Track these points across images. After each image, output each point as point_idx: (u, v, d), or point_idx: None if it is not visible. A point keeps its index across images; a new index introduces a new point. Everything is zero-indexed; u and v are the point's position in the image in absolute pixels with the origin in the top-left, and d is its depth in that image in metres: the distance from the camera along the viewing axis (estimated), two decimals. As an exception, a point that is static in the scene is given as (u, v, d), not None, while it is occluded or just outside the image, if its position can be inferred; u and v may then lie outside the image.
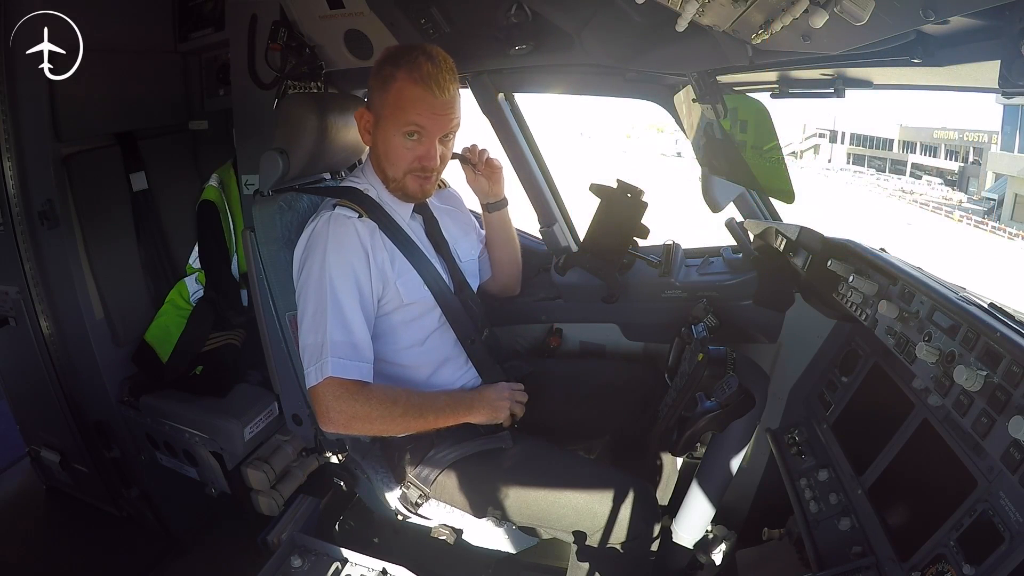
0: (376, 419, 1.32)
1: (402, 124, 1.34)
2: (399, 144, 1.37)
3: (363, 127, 1.43)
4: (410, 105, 1.32)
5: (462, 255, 1.62)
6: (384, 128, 1.37)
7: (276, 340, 1.62)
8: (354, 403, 1.30)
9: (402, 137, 1.36)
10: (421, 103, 1.32)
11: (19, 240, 1.85)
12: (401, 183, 1.42)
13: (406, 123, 1.34)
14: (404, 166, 1.39)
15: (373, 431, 1.39)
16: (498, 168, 1.65)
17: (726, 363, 1.39)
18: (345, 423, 1.31)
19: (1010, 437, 0.88)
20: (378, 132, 1.39)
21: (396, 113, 1.34)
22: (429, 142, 1.37)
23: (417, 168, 1.39)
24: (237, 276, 2.07)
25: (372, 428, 1.35)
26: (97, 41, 1.69)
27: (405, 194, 1.45)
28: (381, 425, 1.35)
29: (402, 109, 1.33)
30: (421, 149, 1.37)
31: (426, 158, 1.38)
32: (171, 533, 2.18)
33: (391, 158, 1.40)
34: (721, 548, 1.64)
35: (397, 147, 1.37)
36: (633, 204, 1.86)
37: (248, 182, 1.78)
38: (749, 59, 1.05)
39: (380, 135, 1.39)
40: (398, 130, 1.35)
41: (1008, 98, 0.87)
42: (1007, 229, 28.63)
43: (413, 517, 1.57)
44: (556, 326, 2.07)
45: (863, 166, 44.50)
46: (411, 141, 1.36)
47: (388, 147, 1.39)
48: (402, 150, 1.37)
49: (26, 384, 2.11)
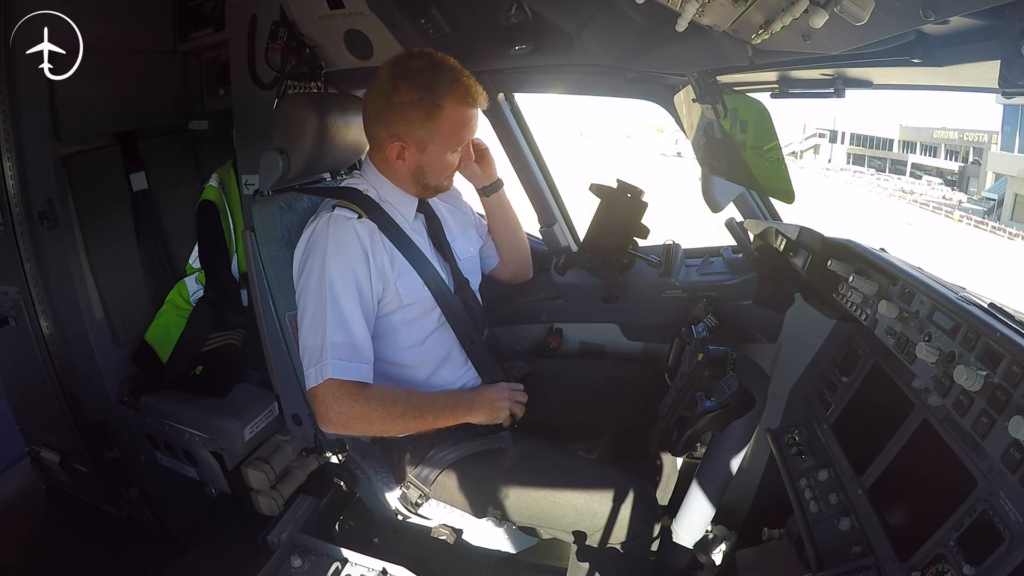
0: (375, 420, 1.33)
1: (457, 145, 1.41)
2: (450, 159, 1.44)
3: (396, 156, 1.42)
4: (463, 127, 1.40)
5: (460, 252, 1.62)
6: (434, 152, 1.42)
7: (276, 340, 1.62)
8: (353, 404, 1.30)
9: (452, 152, 1.43)
10: (472, 120, 1.42)
11: (19, 240, 1.84)
12: (439, 187, 1.50)
13: (461, 143, 1.42)
14: (451, 172, 1.49)
15: (372, 431, 1.40)
16: (484, 148, 1.67)
17: (726, 363, 1.39)
18: (344, 424, 1.32)
19: (1010, 437, 0.88)
20: (424, 157, 1.42)
21: (450, 138, 1.40)
22: (467, 147, 1.46)
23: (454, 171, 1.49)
24: (237, 276, 2.07)
25: (371, 429, 1.36)
26: (97, 41, 1.68)
27: (438, 191, 1.52)
28: (380, 426, 1.35)
29: (456, 133, 1.39)
30: (462, 155, 1.46)
31: (464, 159, 1.47)
32: (171, 533, 2.18)
33: (440, 171, 1.46)
34: (721, 548, 1.64)
35: (448, 162, 1.45)
36: (633, 204, 1.86)
37: (248, 182, 1.78)
38: (749, 59, 1.05)
39: (428, 159, 1.43)
40: (452, 150, 1.42)
41: (1008, 98, 0.87)
42: (1007, 229, 28.62)
43: (413, 517, 1.57)
44: (556, 326, 2.07)
45: (863, 166, 44.49)
46: (457, 154, 1.45)
47: (438, 165, 1.44)
48: (451, 160, 1.45)
49: (26, 384, 2.11)
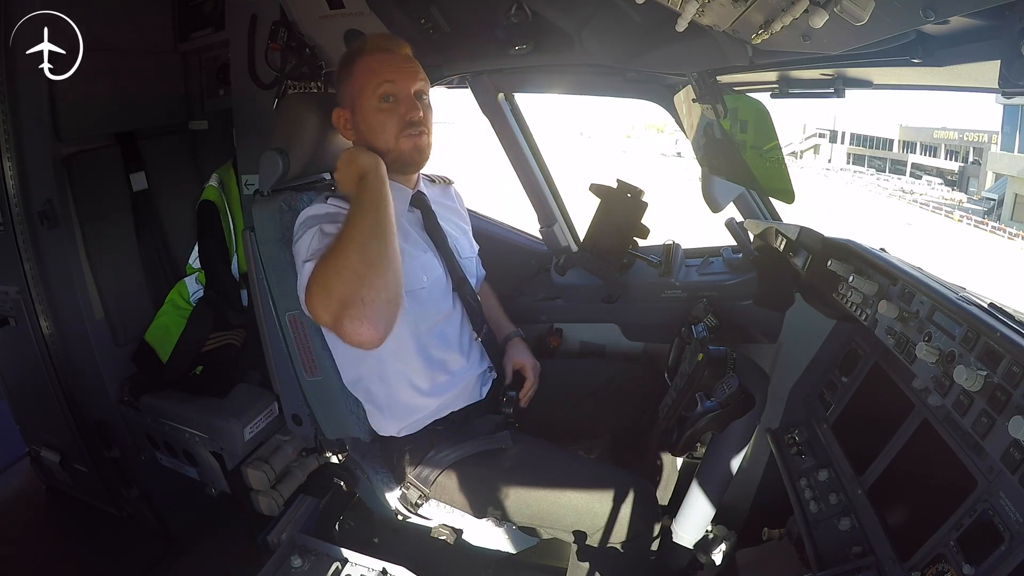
0: (338, 271, 1.16)
1: (375, 90, 1.38)
2: (378, 112, 1.39)
3: (343, 126, 1.45)
4: (375, 71, 1.38)
5: (461, 252, 1.61)
6: (361, 107, 1.40)
7: (276, 340, 1.62)
8: (320, 279, 1.17)
9: (378, 102, 1.39)
10: (385, 64, 1.38)
11: (19, 240, 1.84)
12: (396, 151, 1.41)
13: (378, 86, 1.38)
14: (392, 131, 1.40)
15: (348, 288, 1.15)
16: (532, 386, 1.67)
17: (726, 363, 1.39)
18: (320, 305, 1.16)
19: (1010, 437, 0.88)
20: (357, 117, 1.42)
21: (366, 86, 1.38)
22: (405, 98, 1.40)
23: (405, 126, 1.40)
24: (237, 276, 2.07)
25: (344, 285, 1.16)
26: (97, 41, 1.68)
27: (404, 162, 1.44)
28: (342, 273, 1.16)
29: (369, 79, 1.38)
30: (401, 108, 1.39)
31: (408, 111, 1.39)
32: (171, 533, 2.18)
33: (377, 130, 1.41)
34: (721, 548, 1.64)
35: (378, 116, 1.39)
36: (633, 204, 1.87)
37: (248, 182, 1.78)
38: (749, 59, 1.05)
39: (360, 118, 1.41)
40: (374, 99, 1.38)
41: (1008, 98, 0.87)
42: (1007, 229, 28.62)
43: (413, 517, 1.58)
44: (556, 326, 2.07)
45: (863, 166, 44.48)
46: (389, 105, 1.39)
47: (371, 122, 1.40)
48: (383, 115, 1.39)
49: (26, 384, 2.11)
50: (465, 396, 1.56)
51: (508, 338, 1.74)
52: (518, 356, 1.69)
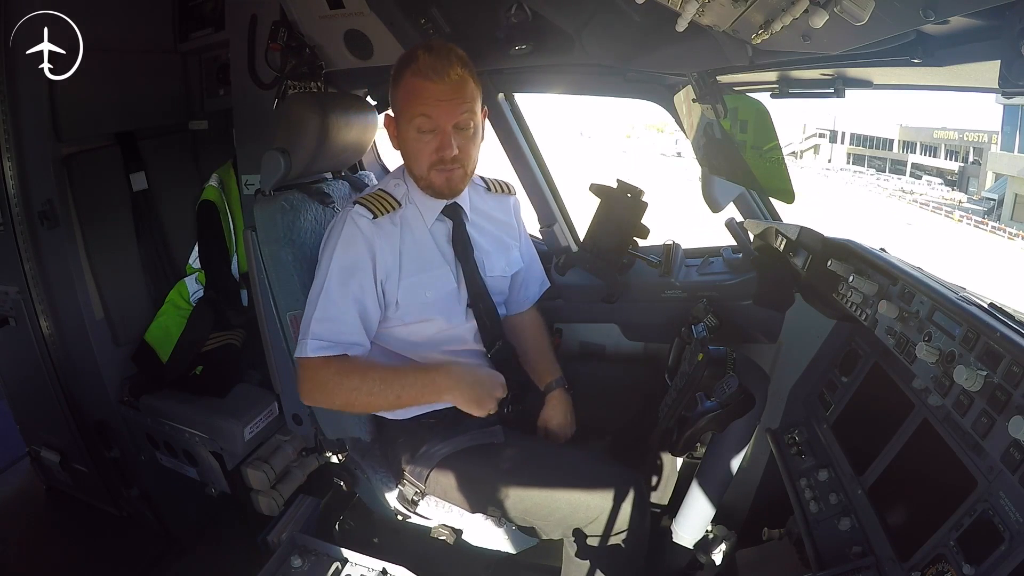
0: (339, 391, 1.39)
1: (412, 118, 1.37)
2: (415, 140, 1.40)
3: (390, 133, 1.47)
4: (415, 97, 1.35)
5: (487, 270, 1.58)
6: (401, 127, 1.41)
7: (276, 340, 1.62)
8: (319, 375, 1.39)
9: (416, 132, 1.38)
10: (425, 93, 1.34)
11: (19, 240, 1.84)
12: (427, 180, 1.44)
13: (414, 115, 1.37)
14: (425, 162, 1.41)
15: (338, 403, 1.44)
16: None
17: (726, 363, 1.39)
18: (308, 394, 1.43)
19: (1010, 437, 0.88)
20: (399, 133, 1.43)
21: (406, 109, 1.38)
22: (442, 133, 1.38)
23: (436, 161, 1.40)
24: (237, 276, 2.07)
25: (336, 400, 1.42)
26: (97, 41, 1.69)
27: (434, 191, 1.46)
28: (345, 396, 1.40)
29: (409, 104, 1.37)
30: (435, 142, 1.39)
31: (441, 148, 1.39)
32: (171, 533, 2.18)
33: (412, 156, 1.43)
34: (721, 548, 1.64)
35: (414, 143, 1.40)
36: (633, 204, 1.87)
37: (248, 182, 1.78)
38: (749, 59, 1.05)
39: (400, 136, 1.43)
40: (411, 125, 1.38)
41: (1008, 98, 0.87)
42: (1007, 229, 28.62)
43: (413, 517, 1.58)
44: (556, 326, 2.07)
45: (863, 166, 44.48)
46: (426, 136, 1.38)
47: (407, 146, 1.42)
48: (419, 144, 1.40)
49: (26, 384, 2.11)
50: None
51: (549, 388, 1.63)
52: (548, 412, 1.61)
